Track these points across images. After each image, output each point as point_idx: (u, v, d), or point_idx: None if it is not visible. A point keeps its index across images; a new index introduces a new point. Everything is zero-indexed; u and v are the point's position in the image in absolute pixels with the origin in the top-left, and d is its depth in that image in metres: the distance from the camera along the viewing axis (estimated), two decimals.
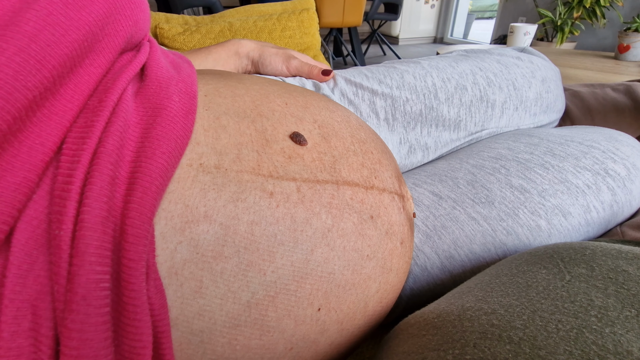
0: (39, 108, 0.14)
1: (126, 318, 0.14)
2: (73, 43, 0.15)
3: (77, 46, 0.15)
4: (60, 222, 0.13)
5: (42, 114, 0.14)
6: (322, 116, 0.23)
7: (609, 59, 1.40)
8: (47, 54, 0.14)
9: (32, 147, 0.14)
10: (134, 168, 0.15)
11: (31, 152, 0.14)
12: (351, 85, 0.40)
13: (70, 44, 0.15)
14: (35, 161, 0.14)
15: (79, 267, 0.13)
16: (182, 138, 0.17)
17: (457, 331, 0.18)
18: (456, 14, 4.16)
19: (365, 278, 0.20)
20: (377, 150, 0.25)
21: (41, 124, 0.14)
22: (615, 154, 0.36)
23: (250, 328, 0.17)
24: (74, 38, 0.15)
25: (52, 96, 0.15)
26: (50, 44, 0.14)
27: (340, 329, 0.20)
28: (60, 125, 0.15)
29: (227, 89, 0.22)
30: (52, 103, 0.15)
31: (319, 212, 0.19)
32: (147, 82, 0.19)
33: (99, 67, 0.17)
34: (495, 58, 0.47)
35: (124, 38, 0.18)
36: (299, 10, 1.05)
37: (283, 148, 0.19)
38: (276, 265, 0.17)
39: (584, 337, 0.15)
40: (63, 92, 0.15)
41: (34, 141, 0.14)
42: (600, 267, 0.20)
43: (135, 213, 0.14)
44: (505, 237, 0.32)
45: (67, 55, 0.15)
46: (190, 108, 0.18)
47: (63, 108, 0.15)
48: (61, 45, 0.14)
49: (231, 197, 0.17)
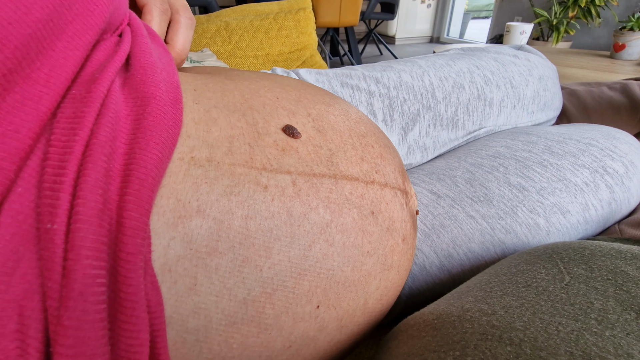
0: (7, 92, 0.13)
1: (123, 315, 0.13)
2: (37, 22, 0.14)
3: (41, 26, 0.14)
4: (53, 215, 0.13)
5: (13, 99, 0.13)
6: (317, 109, 0.22)
7: (605, 58, 1.41)
8: (9, 32, 0.13)
9: (5, 133, 0.13)
10: (128, 160, 0.15)
11: (4, 139, 0.13)
12: (347, 88, 0.40)
13: (34, 24, 0.14)
14: (9, 149, 0.13)
15: (75, 262, 0.12)
16: (173, 128, 0.16)
17: (457, 332, 0.18)
18: (452, 13, 4.18)
19: (365, 275, 0.20)
20: (379, 144, 0.24)
21: (14, 111, 0.13)
22: (614, 152, 0.36)
23: (247, 326, 0.16)
24: (38, 17, 0.14)
25: (22, 80, 0.14)
26: (11, 22, 0.13)
27: (340, 327, 0.20)
28: (37, 111, 0.14)
29: (215, 84, 0.21)
30: (23, 87, 0.14)
31: (316, 206, 0.18)
32: (133, 71, 0.18)
33: (77, 50, 0.16)
34: (493, 56, 0.47)
35: (101, 18, 0.17)
36: (296, 10, 1.05)
37: (276, 140, 0.19)
38: (273, 261, 0.17)
39: (585, 339, 0.15)
40: (36, 76, 0.14)
41: (6, 128, 0.13)
42: (600, 268, 0.20)
43: (133, 205, 0.14)
44: (504, 235, 0.32)
45: (31, 36, 0.14)
46: (177, 97, 0.18)
47: (38, 93, 0.14)
48: (23, 25, 0.13)
49: (224, 190, 0.16)
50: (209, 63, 0.81)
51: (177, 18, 0.27)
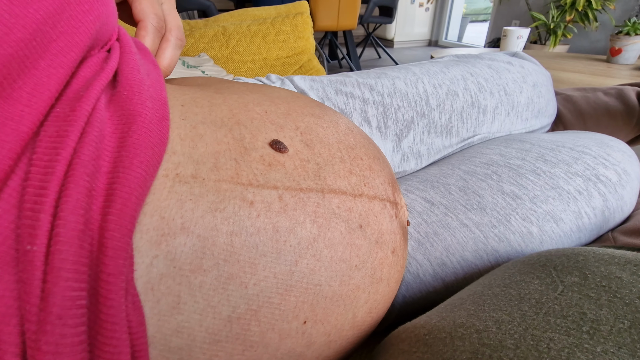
0: None
1: (103, 337, 0.13)
2: (18, 42, 0.14)
3: (23, 46, 0.14)
4: (33, 236, 0.13)
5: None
6: (306, 122, 0.22)
7: (601, 62, 1.41)
8: None
9: None
10: (111, 179, 0.15)
11: None
12: (342, 95, 0.40)
13: (15, 43, 0.14)
14: None
15: (53, 285, 0.12)
16: (159, 146, 0.16)
17: (448, 350, 0.17)
18: (450, 17, 4.19)
19: (353, 288, 0.20)
20: (368, 156, 0.24)
21: None
22: (607, 160, 0.36)
23: (232, 343, 0.16)
24: (19, 37, 0.14)
25: (2, 100, 0.14)
26: None
27: (328, 342, 0.20)
28: (17, 131, 0.14)
29: (204, 98, 0.21)
30: (4, 108, 0.14)
31: (303, 221, 0.18)
32: (120, 88, 0.18)
33: (61, 68, 0.16)
34: (486, 63, 0.47)
35: (87, 35, 0.17)
36: (293, 15, 1.05)
37: (262, 156, 0.19)
38: (258, 277, 0.16)
39: (576, 357, 0.15)
40: (17, 96, 0.14)
41: None
42: (594, 275, 0.20)
43: (115, 225, 0.14)
44: (497, 243, 0.32)
45: (12, 55, 0.14)
46: (163, 114, 0.18)
47: (19, 113, 0.14)
48: (4, 45, 0.13)
49: (209, 207, 0.16)
50: (206, 68, 0.81)
51: (168, 37, 0.27)
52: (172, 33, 0.27)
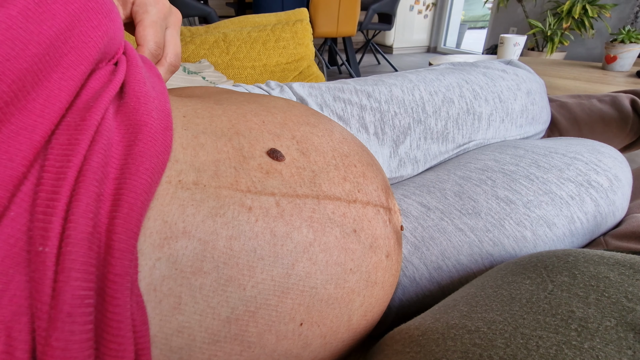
0: (3, 123, 0.14)
1: (109, 334, 0.14)
2: (33, 57, 0.15)
3: (37, 60, 0.15)
4: (45, 238, 0.13)
5: (9, 130, 0.14)
6: (302, 132, 0.23)
7: (597, 69, 1.43)
8: (6, 68, 0.14)
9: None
10: (118, 185, 0.15)
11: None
12: (340, 102, 0.41)
13: (30, 58, 0.15)
14: (3, 177, 0.13)
15: (64, 284, 0.13)
16: (163, 154, 0.17)
17: (440, 350, 0.18)
18: (449, 23, 4.23)
19: (348, 292, 0.20)
20: (362, 163, 0.25)
21: (9, 140, 0.14)
22: (598, 166, 0.36)
23: (230, 344, 0.17)
24: (34, 52, 0.15)
25: (18, 111, 0.14)
26: (9, 58, 0.14)
27: (324, 344, 0.20)
28: (31, 140, 0.14)
29: (204, 110, 0.22)
30: (19, 118, 0.14)
31: (299, 226, 0.19)
32: (127, 99, 0.19)
33: (72, 80, 0.17)
34: (481, 71, 0.48)
35: (96, 49, 0.18)
36: (293, 22, 1.07)
37: (260, 164, 0.20)
38: (256, 280, 0.17)
39: (563, 354, 0.15)
40: (31, 107, 0.15)
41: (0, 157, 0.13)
42: (583, 274, 0.20)
43: (121, 228, 0.14)
44: (491, 248, 0.32)
45: (27, 70, 0.14)
46: (167, 125, 0.18)
47: (33, 123, 0.15)
48: (20, 60, 0.14)
49: (210, 212, 0.17)
50: (207, 74, 0.82)
51: (162, 62, 0.30)
52: (167, 59, 0.30)
